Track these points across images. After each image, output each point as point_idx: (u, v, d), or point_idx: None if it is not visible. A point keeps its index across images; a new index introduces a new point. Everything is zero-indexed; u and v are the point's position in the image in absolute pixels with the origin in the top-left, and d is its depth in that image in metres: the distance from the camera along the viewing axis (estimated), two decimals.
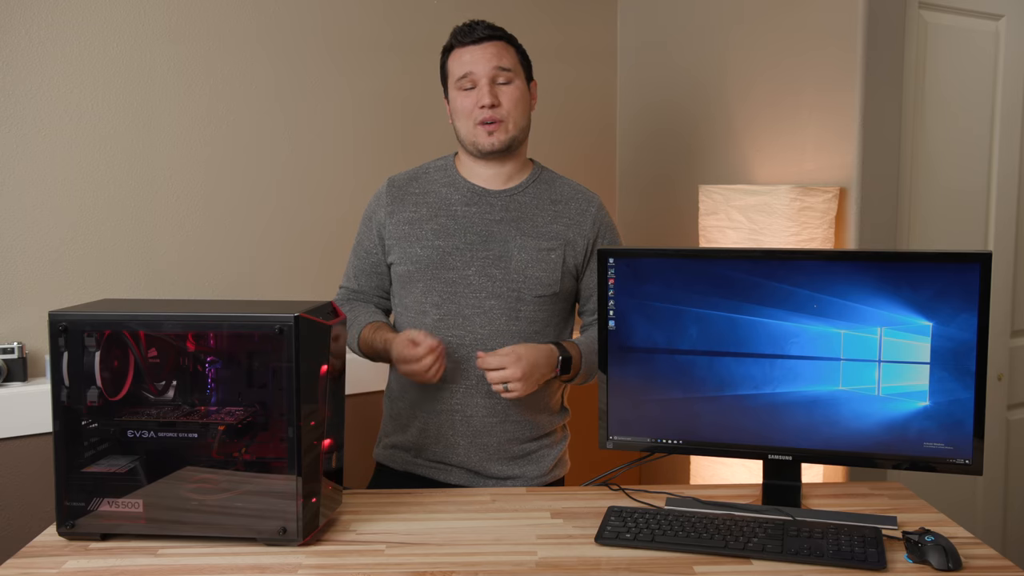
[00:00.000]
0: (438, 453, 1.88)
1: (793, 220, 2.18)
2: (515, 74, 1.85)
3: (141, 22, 2.23)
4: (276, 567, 1.41)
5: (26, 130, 2.11)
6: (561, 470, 1.97)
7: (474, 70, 1.82)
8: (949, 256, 1.53)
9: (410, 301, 1.88)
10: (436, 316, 1.85)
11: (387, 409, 1.98)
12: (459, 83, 1.84)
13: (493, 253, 1.85)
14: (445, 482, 1.88)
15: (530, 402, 1.88)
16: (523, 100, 1.86)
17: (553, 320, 1.91)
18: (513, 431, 1.87)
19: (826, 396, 1.60)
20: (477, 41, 1.84)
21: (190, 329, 1.52)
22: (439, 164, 1.95)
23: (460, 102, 1.85)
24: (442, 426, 1.87)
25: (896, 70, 2.31)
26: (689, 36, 2.77)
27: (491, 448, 1.87)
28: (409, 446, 1.91)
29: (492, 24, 1.87)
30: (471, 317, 1.84)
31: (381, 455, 1.98)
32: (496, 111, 1.82)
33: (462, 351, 1.84)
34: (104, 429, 1.51)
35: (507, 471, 1.89)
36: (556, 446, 1.95)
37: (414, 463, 1.91)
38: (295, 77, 2.44)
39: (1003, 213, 2.65)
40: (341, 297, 2.00)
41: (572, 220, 1.90)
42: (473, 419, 1.86)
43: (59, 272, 2.17)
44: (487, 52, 1.83)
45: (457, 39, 1.86)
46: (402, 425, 1.92)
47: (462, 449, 1.86)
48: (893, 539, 1.49)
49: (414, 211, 1.88)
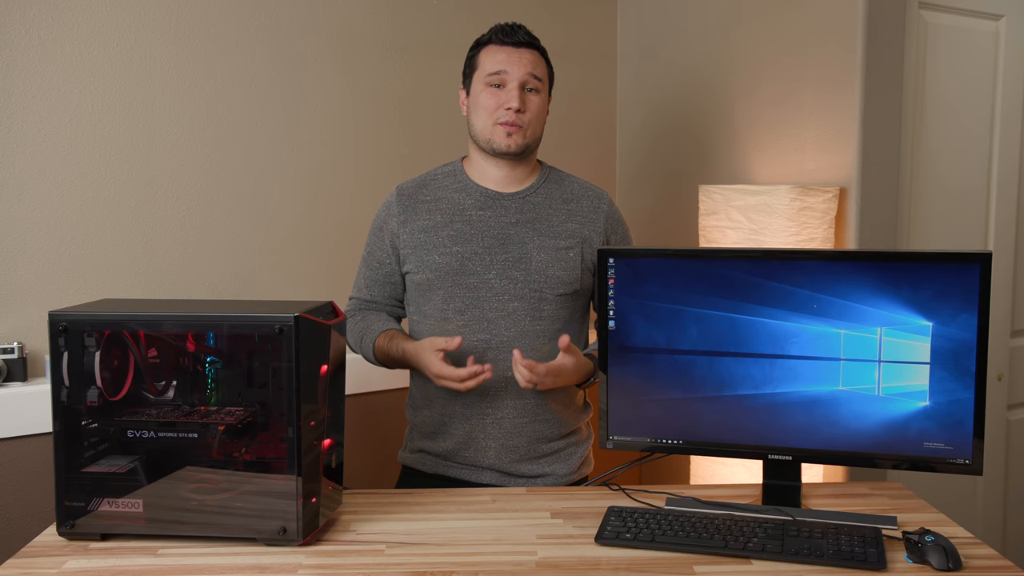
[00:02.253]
0: (469, 457, 1.88)
1: (793, 220, 2.18)
2: (543, 86, 1.87)
3: (141, 22, 2.23)
4: (276, 567, 1.41)
5: (26, 130, 2.11)
6: (587, 468, 1.99)
7: (508, 70, 1.83)
8: (949, 256, 1.53)
9: (430, 309, 1.88)
10: (460, 322, 1.84)
11: (412, 418, 1.97)
12: (489, 79, 1.84)
13: (512, 255, 1.85)
14: (476, 482, 1.89)
15: (557, 397, 1.89)
16: (543, 112, 1.89)
17: (574, 317, 1.92)
18: (542, 429, 1.88)
19: (826, 396, 1.60)
20: (517, 44, 1.85)
21: (190, 329, 1.52)
22: (446, 170, 1.94)
23: (485, 98, 1.85)
24: (473, 430, 1.87)
25: (896, 70, 2.31)
26: (689, 36, 2.77)
27: (521, 448, 1.87)
28: (439, 451, 1.91)
29: (532, 33, 1.88)
30: (495, 320, 1.84)
31: (408, 459, 1.97)
32: (520, 116, 1.83)
33: (489, 354, 1.84)
34: (104, 429, 1.51)
35: (536, 469, 1.89)
36: (583, 444, 1.97)
37: (444, 466, 1.91)
38: (295, 77, 2.44)
39: (1003, 213, 2.65)
40: (352, 307, 1.99)
41: (586, 218, 1.92)
42: (504, 421, 1.86)
43: (59, 272, 2.17)
44: (524, 57, 1.84)
45: (497, 36, 1.86)
46: (430, 433, 1.92)
47: (493, 452, 1.87)
48: (893, 539, 1.50)
49: (428, 218, 1.88)
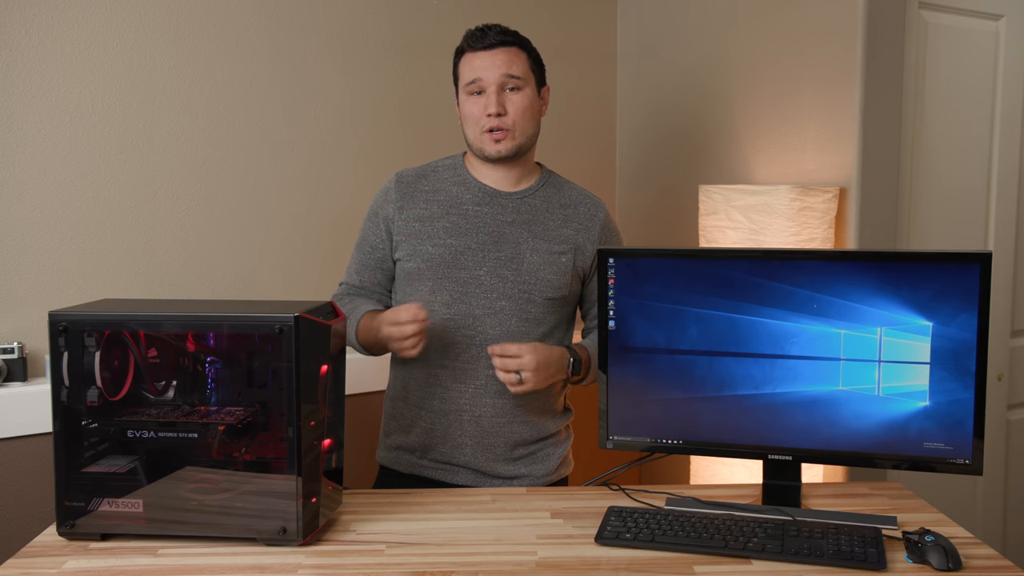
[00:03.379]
0: (444, 453, 1.87)
1: (793, 220, 2.18)
2: (524, 82, 1.83)
3: (141, 22, 2.23)
4: (276, 567, 1.41)
5: (26, 130, 2.11)
6: (565, 469, 1.98)
7: (483, 76, 1.81)
8: (949, 256, 1.53)
9: (417, 298, 1.86)
10: (446, 315, 1.84)
11: (388, 409, 1.97)
12: (468, 88, 1.83)
13: (505, 254, 1.84)
14: (451, 483, 1.88)
15: (536, 404, 1.88)
16: (531, 108, 1.84)
17: (561, 323, 1.92)
18: (520, 432, 1.87)
19: (826, 396, 1.60)
20: (488, 47, 1.82)
21: (190, 329, 1.52)
22: (448, 163, 1.93)
23: (468, 107, 1.84)
24: (450, 426, 1.86)
25: (896, 70, 2.31)
26: (689, 36, 2.77)
27: (498, 449, 1.86)
28: (414, 447, 1.90)
29: (505, 29, 1.84)
30: (482, 318, 1.83)
31: (384, 457, 1.97)
32: (502, 120, 1.81)
33: (472, 351, 1.83)
34: (104, 429, 1.51)
35: (513, 471, 1.88)
36: (560, 445, 1.96)
37: (419, 465, 1.90)
38: (295, 77, 2.44)
39: (1003, 213, 2.65)
40: (341, 292, 1.97)
41: (581, 225, 1.91)
42: (482, 419, 1.85)
43: (59, 272, 2.17)
44: (497, 59, 1.81)
45: (468, 43, 1.84)
46: (405, 425, 1.91)
47: (469, 450, 1.86)
48: (893, 539, 1.50)
49: (425, 208, 1.87)
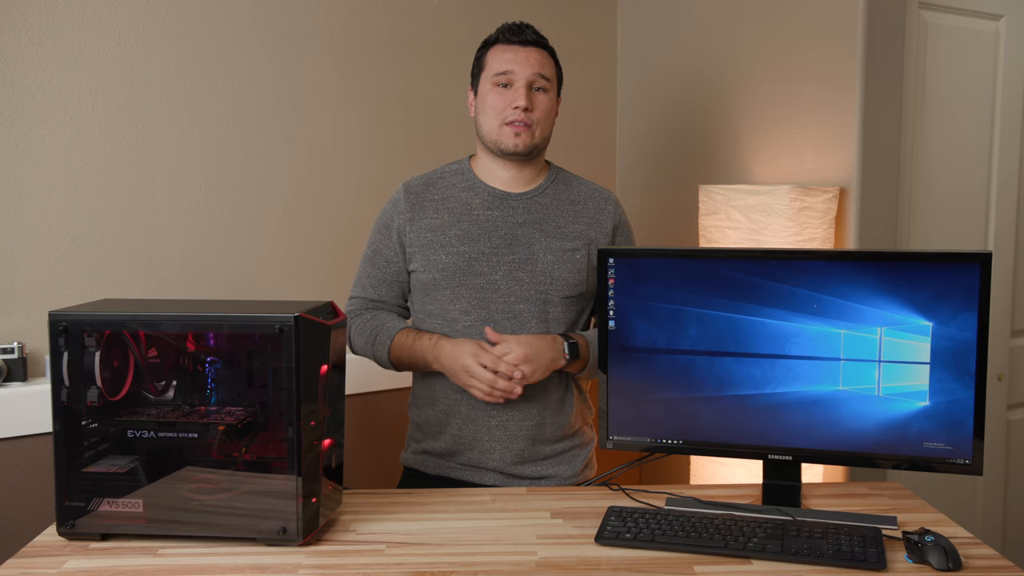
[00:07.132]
0: (473, 458, 1.88)
1: (793, 220, 2.18)
2: (551, 86, 1.87)
3: (141, 22, 2.23)
4: (276, 567, 1.41)
5: (26, 130, 2.11)
6: (591, 472, 1.98)
7: (515, 70, 1.82)
8: (949, 256, 1.53)
9: (435, 308, 1.86)
10: (466, 323, 1.84)
11: (414, 418, 1.96)
12: (496, 78, 1.83)
13: (519, 256, 1.84)
14: (480, 483, 1.88)
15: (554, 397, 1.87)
16: (551, 112, 1.88)
17: (580, 320, 1.92)
18: (547, 432, 1.87)
19: (826, 396, 1.60)
20: (524, 43, 1.84)
21: (190, 329, 1.52)
22: (454, 168, 1.93)
23: (492, 98, 1.84)
24: (478, 432, 1.86)
25: (896, 70, 2.31)
26: (689, 36, 2.77)
27: (525, 452, 1.87)
28: (442, 452, 1.90)
29: (540, 32, 1.88)
30: (501, 322, 1.83)
31: (411, 460, 1.96)
32: (528, 115, 1.82)
33: None
34: (104, 429, 1.51)
35: (540, 471, 1.89)
36: (586, 446, 1.96)
37: (447, 467, 1.90)
38: (295, 77, 2.44)
39: (1003, 213, 2.65)
40: (358, 307, 1.95)
41: (592, 219, 1.91)
42: (509, 423, 1.85)
43: (59, 272, 2.17)
44: (531, 56, 1.83)
45: (504, 36, 1.86)
46: (433, 433, 1.91)
47: (497, 453, 1.86)
48: (893, 539, 1.49)
49: (435, 217, 1.87)
